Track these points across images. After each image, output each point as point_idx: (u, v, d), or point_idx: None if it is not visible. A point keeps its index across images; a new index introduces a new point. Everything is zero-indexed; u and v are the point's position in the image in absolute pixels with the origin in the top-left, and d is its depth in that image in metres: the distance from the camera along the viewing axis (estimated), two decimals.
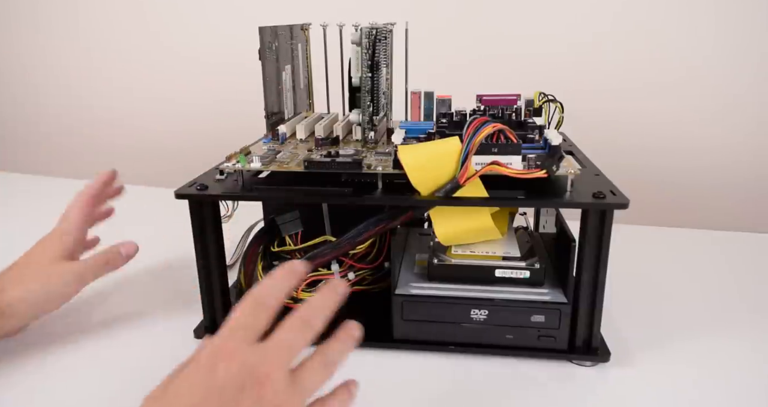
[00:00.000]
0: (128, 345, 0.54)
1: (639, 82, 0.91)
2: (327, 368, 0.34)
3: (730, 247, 0.76)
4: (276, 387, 0.32)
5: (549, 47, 0.93)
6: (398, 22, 0.61)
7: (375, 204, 0.50)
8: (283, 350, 0.33)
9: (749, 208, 0.92)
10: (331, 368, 0.35)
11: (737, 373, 0.49)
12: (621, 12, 0.90)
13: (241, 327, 0.34)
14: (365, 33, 0.54)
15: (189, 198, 0.50)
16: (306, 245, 0.57)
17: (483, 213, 0.50)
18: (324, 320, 0.35)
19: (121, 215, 0.62)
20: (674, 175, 0.94)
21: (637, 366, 0.50)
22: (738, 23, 0.86)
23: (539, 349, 0.50)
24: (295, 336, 0.34)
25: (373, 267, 0.57)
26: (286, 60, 0.62)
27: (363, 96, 0.56)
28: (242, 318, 0.34)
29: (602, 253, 0.47)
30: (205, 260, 0.52)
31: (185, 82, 1.16)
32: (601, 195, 0.46)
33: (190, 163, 0.66)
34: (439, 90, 0.58)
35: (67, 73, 1.25)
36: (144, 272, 0.68)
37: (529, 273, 0.50)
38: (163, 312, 0.60)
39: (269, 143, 0.59)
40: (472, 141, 0.45)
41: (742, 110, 0.89)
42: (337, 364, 0.35)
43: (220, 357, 0.32)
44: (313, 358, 0.34)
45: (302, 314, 0.35)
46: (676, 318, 0.57)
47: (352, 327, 0.37)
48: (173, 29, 1.14)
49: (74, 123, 1.28)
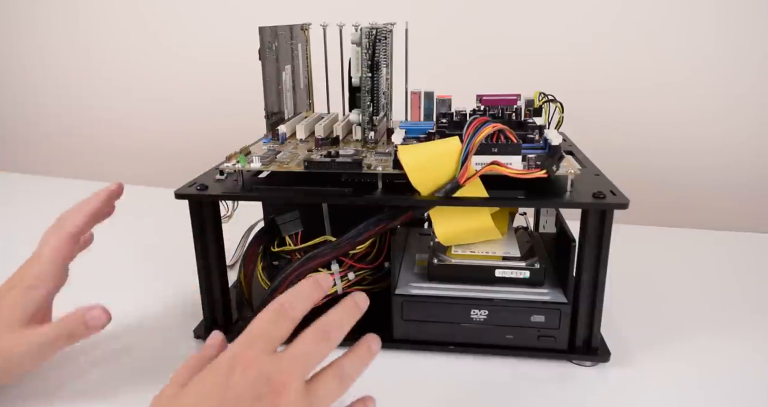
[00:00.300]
0: (128, 345, 0.54)
1: (639, 82, 0.91)
2: (343, 381, 0.34)
3: (731, 247, 0.76)
4: (291, 397, 0.32)
5: (549, 47, 0.93)
6: (398, 22, 0.60)
7: (375, 204, 0.50)
8: (301, 361, 0.33)
9: (750, 208, 0.92)
10: (347, 381, 0.34)
11: (738, 373, 0.49)
12: (621, 12, 0.90)
13: (262, 335, 0.34)
14: (365, 33, 0.54)
15: (189, 198, 0.50)
16: (306, 245, 0.57)
17: (483, 213, 0.50)
18: (343, 334, 0.35)
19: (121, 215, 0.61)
20: (674, 175, 0.94)
21: (637, 366, 0.50)
22: (739, 23, 0.85)
23: (539, 349, 0.50)
24: (313, 348, 0.34)
25: (373, 267, 0.57)
26: (286, 60, 0.62)
27: (363, 96, 0.56)
28: (264, 326, 0.34)
29: (602, 253, 0.47)
30: (205, 260, 0.52)
31: (185, 82, 1.16)
32: (601, 195, 0.46)
33: (189, 163, 0.66)
34: (439, 90, 0.58)
35: (67, 73, 1.25)
36: (144, 272, 0.68)
37: (529, 273, 0.50)
38: (163, 312, 0.60)
39: (269, 143, 0.59)
40: (472, 141, 0.45)
41: (743, 109, 0.89)
42: (353, 378, 0.35)
43: (238, 363, 0.32)
44: (328, 371, 0.34)
45: (322, 326, 0.35)
46: (676, 318, 0.57)
47: (372, 340, 0.36)
48: (174, 29, 1.14)
49: (74, 123, 1.28)
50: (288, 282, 0.52)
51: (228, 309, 0.55)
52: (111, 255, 0.73)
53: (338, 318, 0.35)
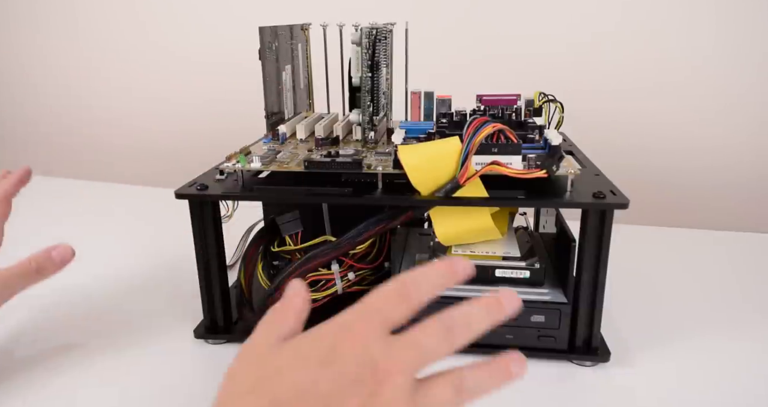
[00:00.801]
0: (128, 345, 0.54)
1: (639, 82, 0.91)
2: (459, 395, 0.28)
3: (731, 247, 0.76)
4: (395, 392, 0.27)
5: (549, 47, 0.93)
6: (398, 22, 0.61)
7: (375, 204, 0.50)
8: (415, 353, 0.28)
9: (750, 208, 0.92)
10: (465, 397, 0.28)
11: (738, 373, 0.49)
12: (621, 12, 0.90)
13: (377, 310, 0.29)
14: (365, 33, 0.54)
15: (189, 198, 0.50)
16: (306, 245, 0.57)
17: (483, 213, 0.50)
18: (470, 337, 0.29)
19: (121, 215, 0.61)
20: (674, 175, 0.94)
21: (637, 366, 0.50)
22: (739, 23, 0.85)
23: (539, 349, 0.50)
24: (434, 342, 0.29)
25: (373, 267, 0.57)
26: (286, 60, 0.62)
27: (363, 96, 0.56)
28: (383, 302, 0.29)
29: (602, 253, 0.47)
30: (205, 260, 0.52)
31: (185, 82, 1.16)
32: (601, 195, 0.46)
33: (189, 163, 0.66)
34: (439, 90, 0.58)
35: (67, 73, 1.25)
36: (144, 272, 0.68)
37: (529, 273, 0.50)
38: (163, 311, 0.60)
39: (269, 143, 0.59)
40: (472, 141, 0.45)
41: (743, 109, 0.89)
42: (473, 397, 0.29)
43: (347, 335, 0.28)
44: (447, 377, 0.29)
45: (448, 321, 0.29)
46: (676, 318, 0.57)
47: (515, 360, 0.30)
48: (174, 29, 1.14)
49: (73, 123, 1.28)
50: (288, 282, 0.52)
51: (228, 309, 0.55)
52: (111, 255, 0.73)
53: (471, 315, 0.30)
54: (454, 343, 0.29)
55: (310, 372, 0.27)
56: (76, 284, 0.62)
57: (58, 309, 0.59)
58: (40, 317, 0.58)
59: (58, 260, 0.47)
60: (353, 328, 0.28)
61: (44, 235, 0.54)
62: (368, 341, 0.28)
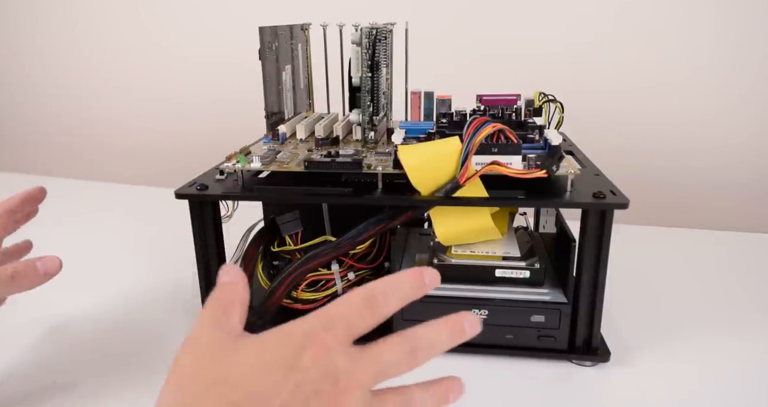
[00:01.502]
0: (128, 345, 0.54)
1: (639, 82, 0.91)
2: None
3: (732, 247, 0.76)
4: (353, 403, 0.27)
5: (549, 47, 0.93)
6: (398, 22, 0.60)
7: (375, 204, 0.50)
8: (378, 368, 0.28)
9: (750, 208, 0.91)
10: None
11: (738, 373, 0.49)
12: (622, 12, 0.89)
13: (344, 319, 0.29)
14: (365, 33, 0.54)
15: (189, 198, 0.50)
16: (306, 245, 0.57)
17: (483, 213, 0.50)
18: (431, 357, 0.30)
19: (121, 215, 0.62)
20: (675, 175, 0.94)
21: (637, 366, 0.50)
22: (739, 23, 0.85)
23: (539, 349, 0.50)
24: (395, 359, 0.29)
25: (373, 267, 0.57)
26: (286, 60, 0.62)
27: (363, 96, 0.56)
28: (348, 312, 0.29)
29: (602, 253, 0.47)
30: (205, 260, 0.52)
31: (185, 82, 1.16)
32: (601, 195, 0.46)
33: (189, 163, 0.66)
34: (439, 90, 0.58)
35: (67, 73, 1.25)
36: (144, 272, 0.68)
37: (529, 273, 0.50)
38: (163, 311, 0.60)
39: (269, 143, 0.59)
40: (472, 141, 0.45)
41: (743, 109, 0.89)
42: None
43: (311, 344, 0.28)
44: (397, 395, 0.29)
45: (411, 339, 0.30)
46: (676, 318, 0.57)
47: (454, 386, 0.31)
48: (174, 29, 1.14)
49: (73, 123, 1.28)
50: (288, 282, 0.52)
51: None
52: (111, 255, 0.73)
53: (434, 337, 0.30)
54: (415, 362, 0.29)
55: (271, 378, 0.27)
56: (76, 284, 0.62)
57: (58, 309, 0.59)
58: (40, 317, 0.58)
59: (42, 270, 0.43)
60: (318, 337, 0.28)
61: (44, 235, 0.55)
62: (333, 352, 0.28)
